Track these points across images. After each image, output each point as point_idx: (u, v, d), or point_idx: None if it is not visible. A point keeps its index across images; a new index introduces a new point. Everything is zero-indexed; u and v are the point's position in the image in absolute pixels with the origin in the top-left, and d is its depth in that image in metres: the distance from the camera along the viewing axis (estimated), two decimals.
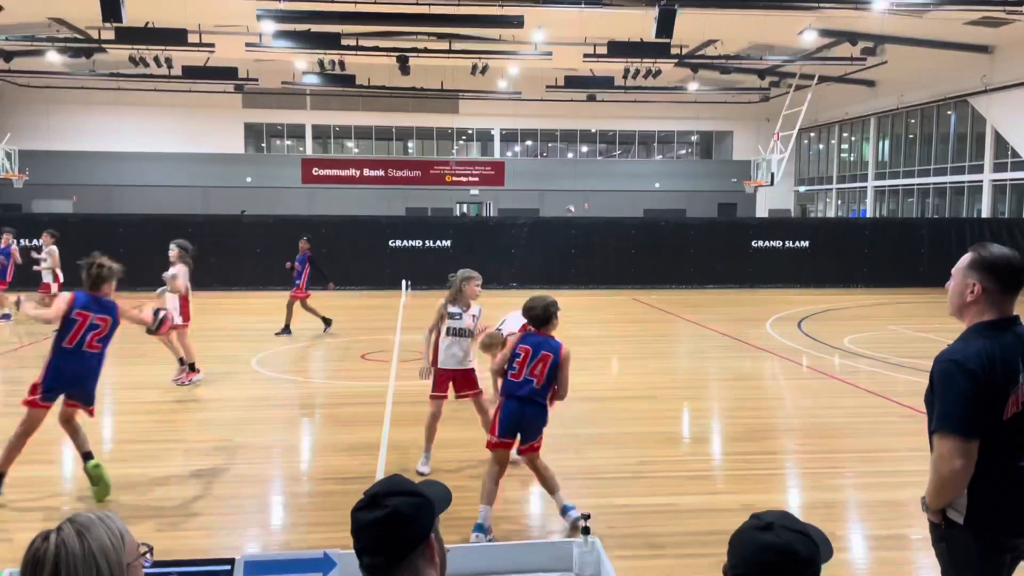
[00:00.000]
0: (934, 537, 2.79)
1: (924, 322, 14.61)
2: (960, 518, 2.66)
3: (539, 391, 4.97)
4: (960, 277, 2.80)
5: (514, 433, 5.07)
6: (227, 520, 5.39)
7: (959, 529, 2.67)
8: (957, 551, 2.70)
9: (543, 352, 4.94)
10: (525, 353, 4.96)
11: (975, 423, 2.57)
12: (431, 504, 1.74)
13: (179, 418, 7.91)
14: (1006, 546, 2.69)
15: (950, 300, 2.85)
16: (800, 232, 22.15)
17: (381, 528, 1.69)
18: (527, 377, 4.95)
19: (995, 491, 2.62)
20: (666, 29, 19.11)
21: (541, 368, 4.93)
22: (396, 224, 21.57)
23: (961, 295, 2.78)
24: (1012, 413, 2.61)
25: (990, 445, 2.60)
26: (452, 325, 6.22)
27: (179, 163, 35.95)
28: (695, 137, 42.91)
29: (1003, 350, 2.62)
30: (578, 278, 20.72)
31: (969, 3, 19.77)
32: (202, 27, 24.47)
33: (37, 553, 1.55)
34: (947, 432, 2.59)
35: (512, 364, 5.01)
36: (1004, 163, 26.97)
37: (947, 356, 2.68)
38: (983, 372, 2.58)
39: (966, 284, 2.76)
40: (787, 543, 1.60)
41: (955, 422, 2.58)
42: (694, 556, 4.81)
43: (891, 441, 7.20)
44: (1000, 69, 26.33)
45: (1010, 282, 2.71)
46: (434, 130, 39.53)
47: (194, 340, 12.78)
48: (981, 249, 2.80)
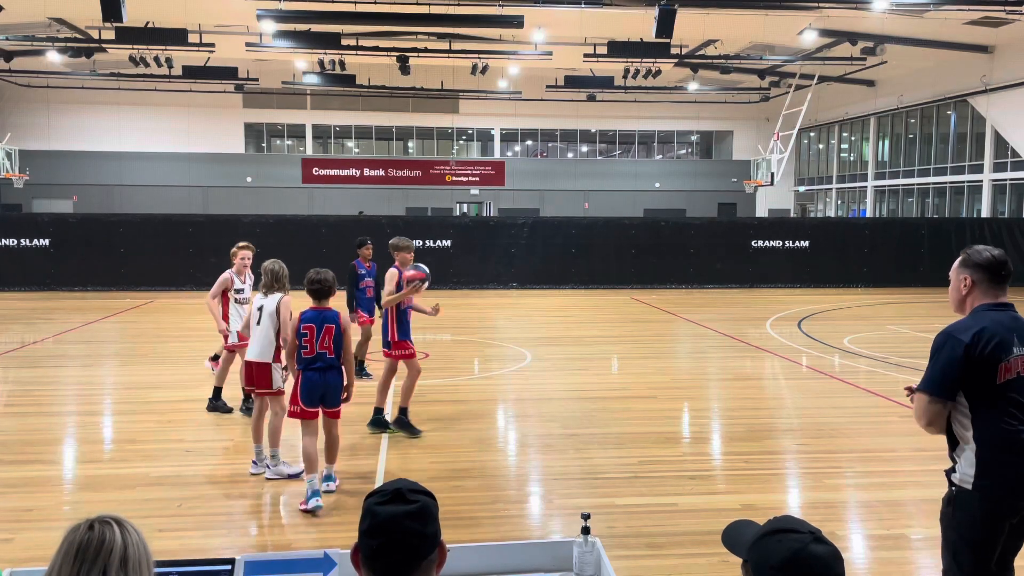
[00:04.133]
0: (943, 503, 3.08)
1: (924, 322, 14.60)
2: (969, 484, 2.96)
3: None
4: (954, 276, 3.22)
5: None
6: (227, 520, 5.39)
7: (967, 494, 2.96)
8: (963, 514, 2.98)
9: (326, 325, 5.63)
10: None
11: (947, 386, 2.98)
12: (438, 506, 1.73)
13: (180, 418, 7.92)
14: (1014, 507, 2.93)
15: (950, 297, 3.25)
16: (800, 232, 22.15)
17: (414, 522, 1.60)
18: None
19: (999, 454, 2.92)
20: (666, 29, 19.11)
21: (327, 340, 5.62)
22: (396, 224, 21.57)
23: (957, 290, 3.20)
24: (1007, 379, 2.96)
25: (987, 406, 2.96)
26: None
27: (179, 163, 35.97)
28: (695, 137, 42.90)
29: (996, 324, 3.01)
30: (578, 278, 20.73)
31: (969, 3, 19.76)
32: (202, 27, 24.48)
33: (92, 541, 1.56)
34: (922, 390, 3.04)
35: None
36: (1004, 163, 26.96)
37: (945, 329, 3.09)
38: (972, 341, 2.96)
39: (960, 280, 3.18)
40: (834, 552, 1.55)
41: (929, 382, 3.02)
42: (694, 556, 4.81)
43: (891, 441, 7.20)
44: (1000, 69, 26.32)
45: (996, 272, 3.11)
46: (434, 130, 39.54)
47: (194, 340, 12.82)
48: (968, 250, 3.22)
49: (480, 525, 5.17)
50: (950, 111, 29.83)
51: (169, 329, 14.04)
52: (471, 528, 4.98)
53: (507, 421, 8.17)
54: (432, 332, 12.90)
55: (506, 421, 8.18)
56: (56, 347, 12.31)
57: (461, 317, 15.88)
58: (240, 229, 20.17)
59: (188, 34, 23.31)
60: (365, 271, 9.75)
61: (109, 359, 11.59)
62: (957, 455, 3.03)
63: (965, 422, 3.00)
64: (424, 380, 8.91)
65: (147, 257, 19.44)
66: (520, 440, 7.31)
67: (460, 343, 12.72)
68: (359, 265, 9.79)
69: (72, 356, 11.69)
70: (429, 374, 9.60)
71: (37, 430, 7.56)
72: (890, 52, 26.61)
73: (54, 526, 4.96)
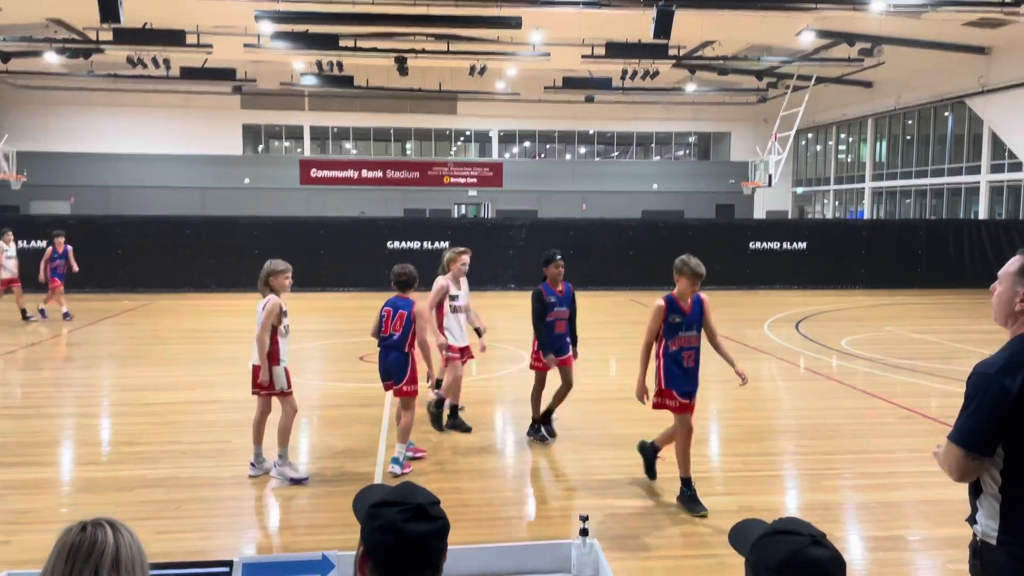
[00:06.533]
0: (970, 551, 2.71)
1: (922, 323, 14.62)
2: (992, 539, 2.57)
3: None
4: (1009, 283, 2.60)
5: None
6: (225, 522, 5.38)
7: (992, 548, 2.58)
8: (991, 571, 2.61)
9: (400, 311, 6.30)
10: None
11: (986, 442, 2.49)
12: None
13: (177, 420, 7.91)
14: None
15: (996, 307, 2.67)
16: (798, 233, 22.17)
17: (440, 542, 1.61)
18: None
19: None
20: (664, 30, 19.13)
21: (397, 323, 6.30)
22: (394, 225, 21.58)
23: (1010, 303, 2.59)
24: None
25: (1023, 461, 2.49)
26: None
27: (177, 164, 35.94)
28: (693, 138, 42.94)
29: None
30: (576, 279, 20.53)
31: (967, 4, 19.81)
32: (200, 28, 24.48)
33: (84, 542, 1.57)
34: (956, 443, 2.54)
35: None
36: (1001, 164, 27.01)
37: (985, 368, 2.54)
38: (1020, 390, 2.44)
39: (1016, 292, 2.57)
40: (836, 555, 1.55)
41: (966, 436, 2.52)
42: (692, 557, 4.81)
43: (889, 442, 7.21)
44: (997, 70, 26.37)
45: None
46: (432, 131, 39.55)
47: (192, 341, 12.82)
48: None
49: (478, 527, 5.17)
50: (947, 112, 29.88)
51: (167, 331, 14.02)
52: (469, 530, 4.98)
53: (505, 422, 8.17)
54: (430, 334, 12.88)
55: (504, 422, 8.17)
56: (54, 349, 12.30)
57: None
58: (238, 231, 20.19)
59: (186, 35, 23.30)
60: (556, 298, 7.00)
61: (107, 361, 11.58)
62: (980, 503, 2.62)
63: (994, 472, 2.55)
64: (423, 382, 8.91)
65: (145, 259, 19.43)
66: (518, 441, 7.31)
67: None
68: (547, 290, 7.02)
69: (70, 358, 11.68)
70: None
71: (35, 432, 7.55)
72: (888, 53, 26.66)
73: (51, 528, 4.95)
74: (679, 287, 5.71)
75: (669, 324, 5.63)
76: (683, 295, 5.69)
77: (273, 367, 6.09)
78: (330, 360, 11.76)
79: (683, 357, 5.66)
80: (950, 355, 11.46)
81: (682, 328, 5.64)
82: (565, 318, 7.00)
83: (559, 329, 6.96)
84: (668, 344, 5.66)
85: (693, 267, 5.65)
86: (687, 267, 5.67)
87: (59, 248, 14.67)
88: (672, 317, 5.63)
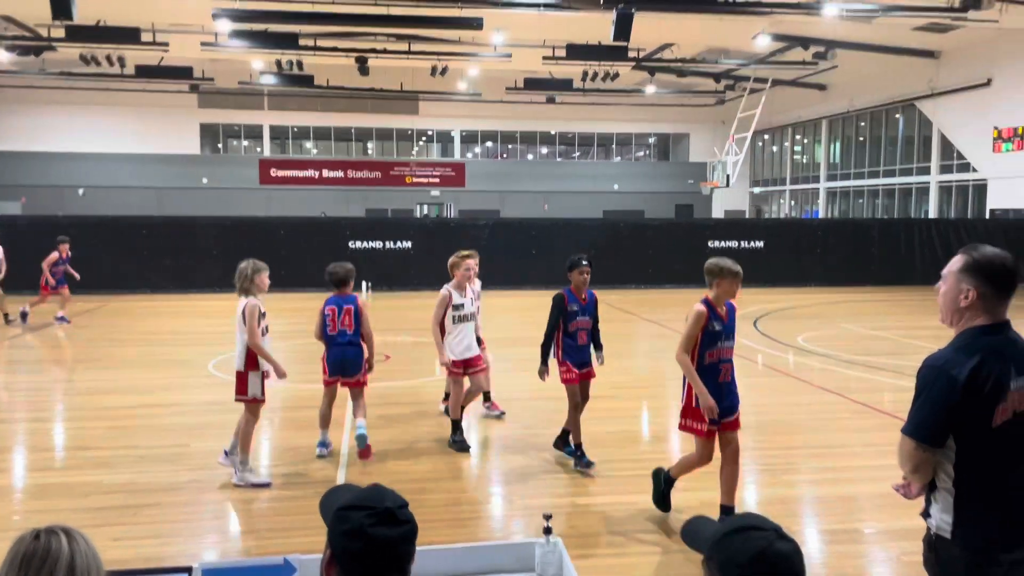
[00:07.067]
0: (924, 545, 2.76)
1: (876, 320, 14.96)
2: (947, 532, 2.61)
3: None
4: (953, 282, 2.65)
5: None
6: (184, 527, 5.30)
7: (946, 542, 2.63)
8: (945, 563, 2.66)
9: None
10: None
11: (936, 433, 2.56)
12: None
13: (132, 424, 7.76)
14: (995, 560, 2.57)
15: (942, 305, 2.71)
16: (755, 232, 22.53)
17: (409, 546, 1.59)
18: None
19: (981, 504, 2.57)
20: (624, 32, 19.30)
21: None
22: (356, 225, 21.41)
23: (954, 300, 2.65)
24: (1002, 420, 2.53)
25: (976, 454, 2.55)
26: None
27: (133, 164, 35.23)
28: (653, 139, 43.38)
29: (994, 357, 2.55)
30: (539, 279, 20.78)
31: (916, 10, 20.33)
32: (156, 26, 24.02)
33: (38, 551, 1.55)
34: (907, 435, 2.61)
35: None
36: (950, 165, 27.78)
37: (933, 361, 2.61)
38: (967, 381, 2.50)
39: (960, 289, 2.63)
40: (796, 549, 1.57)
41: (918, 428, 2.58)
42: (655, 554, 4.87)
43: (845, 437, 7.37)
44: (946, 74, 27.11)
45: (1005, 286, 2.61)
46: (394, 131, 39.36)
47: (148, 344, 12.57)
48: (974, 252, 2.65)
49: (443, 527, 5.17)
50: (898, 115, 30.64)
51: (123, 333, 13.75)
52: (434, 531, 4.97)
53: (469, 422, 8.16)
54: (393, 334, 12.84)
55: (468, 422, 8.16)
56: (6, 352, 11.97)
57: (422, 319, 15.80)
58: (196, 231, 19.85)
59: (141, 33, 22.86)
60: (579, 306, 6.45)
61: (61, 364, 11.31)
62: (934, 497, 2.67)
63: (947, 466, 2.60)
64: (385, 382, 8.89)
65: (99, 260, 18.98)
66: (482, 441, 7.32)
67: (421, 345, 12.67)
68: (569, 297, 6.44)
69: (22, 361, 11.38)
70: (390, 376, 9.58)
71: None
72: (841, 57, 27.25)
73: (4, 537, 4.82)
74: (717, 291, 5.02)
75: (708, 333, 4.94)
76: (719, 300, 5.03)
77: (251, 372, 5.96)
78: (291, 362, 11.59)
79: (721, 370, 5.03)
80: (902, 351, 11.75)
81: (721, 337, 5.01)
82: (588, 328, 6.44)
83: (582, 340, 6.39)
84: (705, 355, 4.98)
85: (731, 267, 5.03)
86: (726, 269, 5.02)
87: (63, 254, 14.39)
88: (712, 325, 4.95)
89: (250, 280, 5.97)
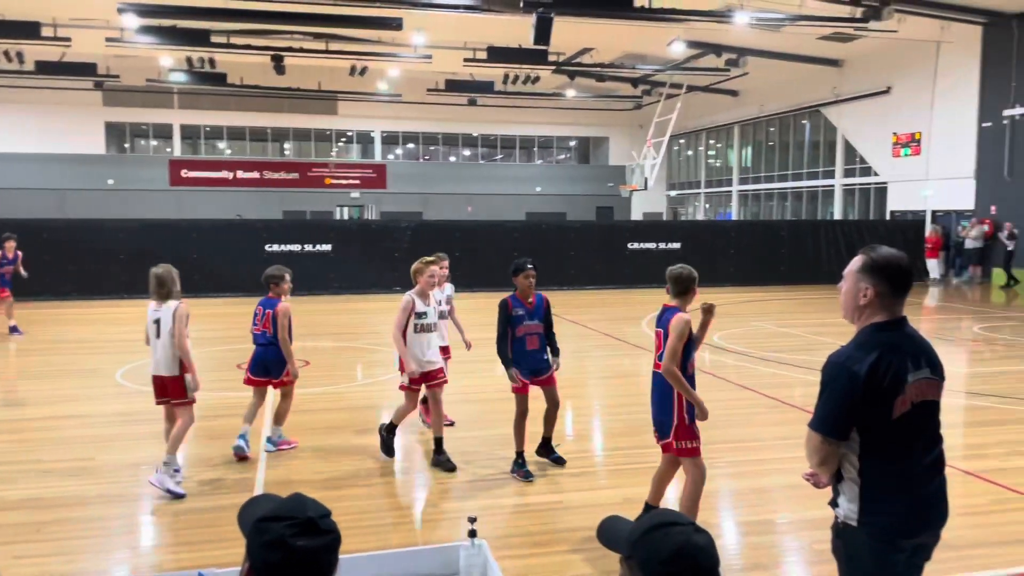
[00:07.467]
0: (832, 533, 2.86)
1: (785, 318, 15.55)
2: (853, 521, 2.72)
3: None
4: (852, 281, 2.79)
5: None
6: (92, 543, 5.06)
7: (853, 530, 2.73)
8: (852, 550, 2.76)
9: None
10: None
11: (840, 426, 2.67)
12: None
13: (34, 437, 7.37)
14: (898, 546, 2.69)
15: (843, 304, 2.84)
16: (672, 234, 23.07)
17: (331, 555, 1.55)
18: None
19: (885, 493, 2.68)
20: (544, 36, 19.48)
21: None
22: (272, 227, 20.92)
23: (855, 298, 2.78)
24: (901, 412, 2.65)
25: (879, 445, 2.67)
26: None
27: (32, 164, 33.48)
28: (573, 142, 43.95)
29: (892, 352, 2.67)
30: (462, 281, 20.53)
31: (821, 19, 21.24)
32: (57, 20, 22.94)
33: None
34: (813, 429, 2.72)
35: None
36: (853, 169, 29.15)
37: (835, 358, 2.72)
38: (867, 376, 2.62)
39: (859, 288, 2.76)
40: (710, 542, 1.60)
41: (823, 422, 2.69)
42: (579, 552, 4.92)
43: (759, 431, 7.63)
44: (849, 81, 28.44)
45: (901, 285, 2.75)
46: (312, 131, 38.65)
47: (52, 353, 11.97)
48: (872, 252, 2.79)
49: (367, 534, 5.10)
50: (805, 120, 31.95)
51: (23, 342, 13.05)
52: (357, 538, 4.90)
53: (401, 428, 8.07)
54: (312, 339, 12.60)
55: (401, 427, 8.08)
56: None
57: (343, 323, 15.59)
58: (102, 234, 19.00)
59: (41, 27, 21.78)
60: (525, 310, 6.40)
61: None
62: (841, 487, 2.78)
63: (852, 458, 2.72)
64: (306, 388, 8.70)
65: None
66: (405, 446, 7.25)
67: (342, 349, 12.49)
68: (514, 301, 6.43)
69: None
70: (311, 382, 9.39)
71: None
72: (752, 64, 28.23)
73: None
74: (685, 301, 4.79)
75: (687, 343, 4.70)
76: (687, 308, 4.75)
77: (186, 375, 5.89)
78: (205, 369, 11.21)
79: (694, 384, 4.79)
80: (810, 347, 12.24)
81: (694, 348, 4.81)
82: (538, 332, 6.27)
83: (532, 345, 6.21)
84: (686, 367, 4.70)
85: (693, 275, 4.85)
86: (693, 277, 4.86)
87: (9, 253, 13.36)
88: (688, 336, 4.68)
89: (176, 283, 5.99)
